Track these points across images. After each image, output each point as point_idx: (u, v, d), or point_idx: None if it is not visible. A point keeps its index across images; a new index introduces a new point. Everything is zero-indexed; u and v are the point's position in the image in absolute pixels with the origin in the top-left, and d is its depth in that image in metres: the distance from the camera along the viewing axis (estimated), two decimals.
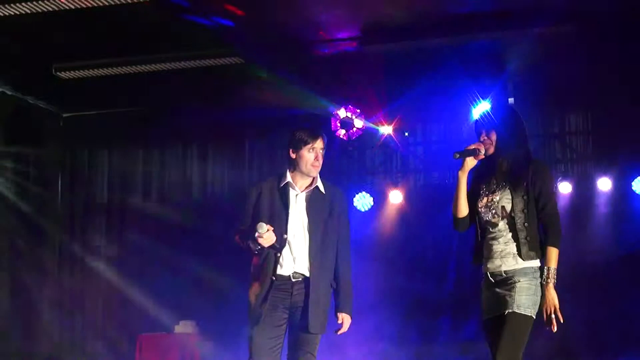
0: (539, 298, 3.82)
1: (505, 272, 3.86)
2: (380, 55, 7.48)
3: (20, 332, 8.65)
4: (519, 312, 3.76)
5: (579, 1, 6.59)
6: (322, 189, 4.48)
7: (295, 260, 4.35)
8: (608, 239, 8.03)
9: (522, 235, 3.85)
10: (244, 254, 4.45)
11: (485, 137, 4.00)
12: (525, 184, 3.89)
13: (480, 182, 4.06)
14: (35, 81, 8.23)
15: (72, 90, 8.37)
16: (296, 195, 4.43)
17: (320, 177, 4.52)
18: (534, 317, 3.80)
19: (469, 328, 7.73)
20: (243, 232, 4.37)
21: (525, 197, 3.88)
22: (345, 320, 4.46)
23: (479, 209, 3.98)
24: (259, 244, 4.21)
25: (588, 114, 8.60)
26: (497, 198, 3.93)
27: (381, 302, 8.25)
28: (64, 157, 9.48)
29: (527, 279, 3.82)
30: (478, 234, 4.02)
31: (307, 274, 4.33)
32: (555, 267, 3.82)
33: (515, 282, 3.81)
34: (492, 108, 4.23)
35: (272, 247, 4.27)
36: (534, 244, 3.85)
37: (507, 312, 3.77)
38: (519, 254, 3.84)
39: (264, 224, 4.18)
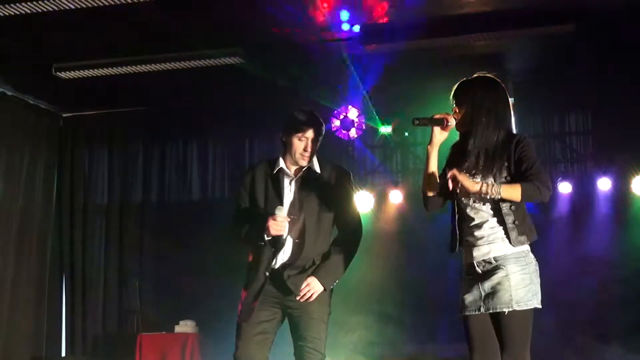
0: (537, 286, 3.53)
1: (495, 258, 3.52)
2: (380, 56, 7.47)
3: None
4: (519, 309, 3.46)
5: (579, 1, 6.59)
6: (317, 169, 4.14)
7: (288, 253, 4.09)
8: (608, 239, 8.02)
9: (509, 219, 3.51)
10: (244, 253, 4.39)
11: (456, 110, 3.65)
12: (507, 164, 3.53)
13: (456, 163, 3.62)
14: (35, 81, 8.23)
15: (72, 90, 8.37)
16: (290, 182, 4.13)
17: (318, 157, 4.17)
18: (538, 305, 3.52)
19: None
20: (244, 220, 4.08)
21: (508, 178, 3.52)
22: (313, 284, 4.03)
23: (457, 194, 3.64)
24: (269, 231, 3.92)
25: (588, 114, 8.60)
26: (477, 181, 3.51)
27: (381, 301, 8.24)
28: (64, 157, 9.47)
29: (520, 267, 3.49)
30: (455, 219, 3.68)
31: (303, 264, 4.07)
32: (505, 195, 3.41)
33: (508, 274, 3.48)
34: (471, 79, 3.72)
35: (274, 239, 4.00)
36: (523, 226, 3.52)
37: (507, 311, 3.47)
38: (509, 240, 3.51)
39: (283, 208, 3.93)
